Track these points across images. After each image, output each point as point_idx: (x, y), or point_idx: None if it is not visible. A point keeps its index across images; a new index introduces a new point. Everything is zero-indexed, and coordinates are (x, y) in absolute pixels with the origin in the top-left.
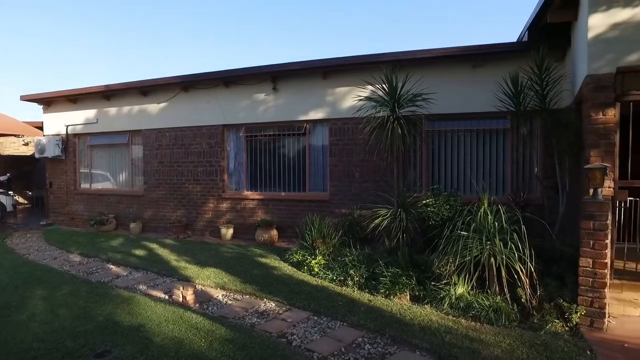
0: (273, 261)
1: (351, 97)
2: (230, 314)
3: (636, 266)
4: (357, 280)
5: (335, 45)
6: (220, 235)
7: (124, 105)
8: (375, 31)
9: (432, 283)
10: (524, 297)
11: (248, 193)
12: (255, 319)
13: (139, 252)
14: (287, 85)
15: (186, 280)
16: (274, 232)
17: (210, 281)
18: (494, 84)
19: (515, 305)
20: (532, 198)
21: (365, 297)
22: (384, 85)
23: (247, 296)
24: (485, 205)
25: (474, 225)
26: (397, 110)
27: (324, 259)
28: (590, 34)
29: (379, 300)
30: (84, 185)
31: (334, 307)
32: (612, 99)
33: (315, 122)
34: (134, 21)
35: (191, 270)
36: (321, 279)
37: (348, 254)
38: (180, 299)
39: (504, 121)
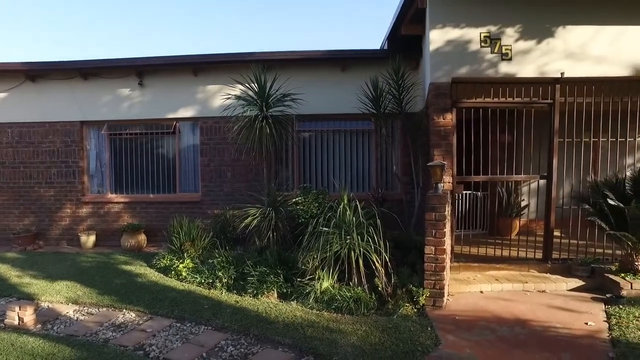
0: (138, 268)
1: (222, 96)
2: (80, 330)
3: (469, 250)
4: (225, 282)
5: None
6: (80, 243)
7: None
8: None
9: (299, 279)
10: (380, 285)
11: (112, 196)
12: (111, 333)
13: None
14: (155, 80)
15: (29, 299)
16: (142, 237)
17: (61, 296)
18: (359, 87)
19: (374, 294)
20: (394, 194)
21: (233, 298)
22: (253, 85)
23: (104, 308)
24: (345, 201)
25: (334, 221)
26: (264, 109)
27: (193, 262)
28: (432, 47)
29: (247, 301)
30: None
31: (199, 311)
32: (450, 105)
33: (185, 120)
34: None
35: (37, 286)
36: (189, 283)
37: (217, 256)
38: (16, 322)
39: (369, 122)
